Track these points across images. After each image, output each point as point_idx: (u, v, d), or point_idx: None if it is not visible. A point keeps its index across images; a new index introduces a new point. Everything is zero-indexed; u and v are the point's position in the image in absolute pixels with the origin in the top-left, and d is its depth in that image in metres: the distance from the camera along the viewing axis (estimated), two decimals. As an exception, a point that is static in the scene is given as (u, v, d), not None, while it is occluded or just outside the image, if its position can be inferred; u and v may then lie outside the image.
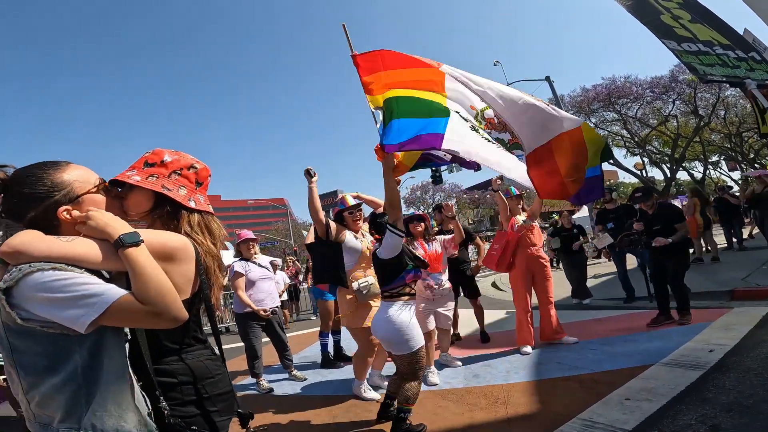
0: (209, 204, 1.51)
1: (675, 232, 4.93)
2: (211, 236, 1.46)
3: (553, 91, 20.01)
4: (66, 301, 1.02)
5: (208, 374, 1.40)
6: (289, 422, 3.64)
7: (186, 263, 1.31)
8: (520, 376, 3.93)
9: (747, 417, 2.48)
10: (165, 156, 1.42)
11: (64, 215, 1.17)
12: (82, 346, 1.09)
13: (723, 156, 29.85)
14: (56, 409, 1.07)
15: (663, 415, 2.71)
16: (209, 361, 1.44)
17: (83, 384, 1.09)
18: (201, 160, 1.52)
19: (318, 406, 3.88)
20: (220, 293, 1.52)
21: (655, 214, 5.21)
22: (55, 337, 1.06)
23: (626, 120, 25.90)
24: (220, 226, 1.53)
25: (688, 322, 4.69)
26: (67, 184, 1.21)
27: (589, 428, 2.70)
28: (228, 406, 1.46)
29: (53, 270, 1.04)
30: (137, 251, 1.13)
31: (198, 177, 1.48)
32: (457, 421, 3.19)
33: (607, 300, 7.13)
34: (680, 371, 3.37)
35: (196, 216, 1.43)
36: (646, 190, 5.60)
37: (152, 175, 1.37)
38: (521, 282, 4.92)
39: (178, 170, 1.43)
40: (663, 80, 22.88)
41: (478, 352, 4.93)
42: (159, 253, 1.22)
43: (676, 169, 25.75)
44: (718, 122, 25.04)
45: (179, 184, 1.41)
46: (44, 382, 1.07)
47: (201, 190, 1.49)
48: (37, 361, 1.07)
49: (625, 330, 4.93)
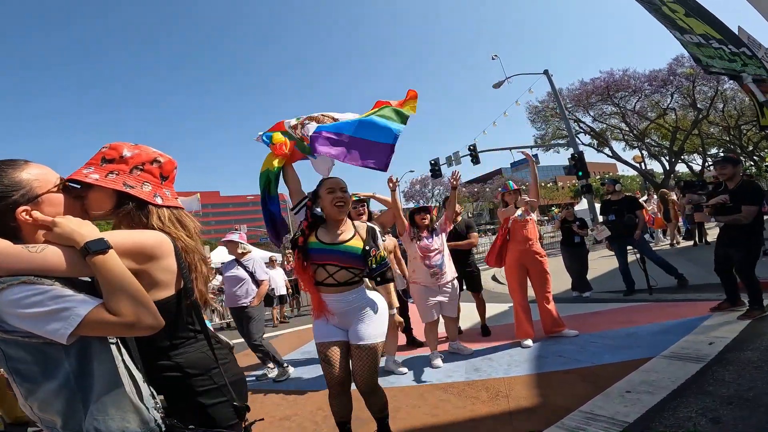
0: (177, 198, 1.46)
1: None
2: (186, 230, 1.42)
3: (552, 84, 19.96)
4: (43, 315, 1.01)
5: (213, 364, 1.39)
6: (293, 417, 3.66)
7: (166, 258, 1.28)
8: (521, 370, 3.95)
9: (747, 409, 2.50)
10: (124, 151, 1.34)
11: (23, 216, 1.12)
12: (69, 354, 1.08)
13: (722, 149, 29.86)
14: (55, 414, 1.08)
15: (664, 407, 2.72)
16: (213, 351, 1.42)
17: (77, 389, 1.09)
18: (165, 153, 1.46)
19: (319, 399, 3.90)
20: (207, 287, 1.49)
21: (734, 189, 4.50)
22: (41, 346, 1.06)
23: (625, 113, 25.88)
24: (193, 219, 1.50)
25: (750, 318, 4.22)
26: (26, 183, 1.15)
27: (590, 421, 2.71)
28: (241, 393, 1.45)
29: (22, 284, 1.02)
30: (104, 259, 1.09)
31: (162, 171, 1.42)
32: (458, 415, 3.20)
33: (608, 293, 7.15)
34: (681, 364, 3.39)
35: (166, 211, 1.38)
36: (726, 157, 4.92)
37: (112, 171, 1.31)
38: (514, 277, 4.93)
39: (140, 165, 1.36)
40: (661, 73, 22.91)
41: (479, 345, 4.94)
42: (136, 255, 1.20)
43: (675, 161, 25.79)
44: (716, 115, 25.04)
45: (143, 179, 1.36)
46: (40, 389, 1.07)
47: (167, 185, 1.44)
48: (30, 368, 1.06)
49: (625, 323, 4.94)
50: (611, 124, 28.03)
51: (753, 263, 4.40)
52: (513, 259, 4.92)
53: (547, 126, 28.83)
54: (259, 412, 3.80)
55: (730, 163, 4.65)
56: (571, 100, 25.83)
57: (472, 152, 19.92)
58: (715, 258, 4.73)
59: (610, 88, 24.48)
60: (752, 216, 4.35)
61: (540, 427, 2.76)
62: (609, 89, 24.53)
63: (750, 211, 4.34)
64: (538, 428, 2.76)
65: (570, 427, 2.69)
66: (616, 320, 5.17)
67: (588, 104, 25.84)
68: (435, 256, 4.43)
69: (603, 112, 27.05)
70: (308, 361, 5.53)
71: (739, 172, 4.65)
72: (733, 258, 4.50)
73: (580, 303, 6.70)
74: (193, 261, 1.39)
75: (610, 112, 27.02)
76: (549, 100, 25.89)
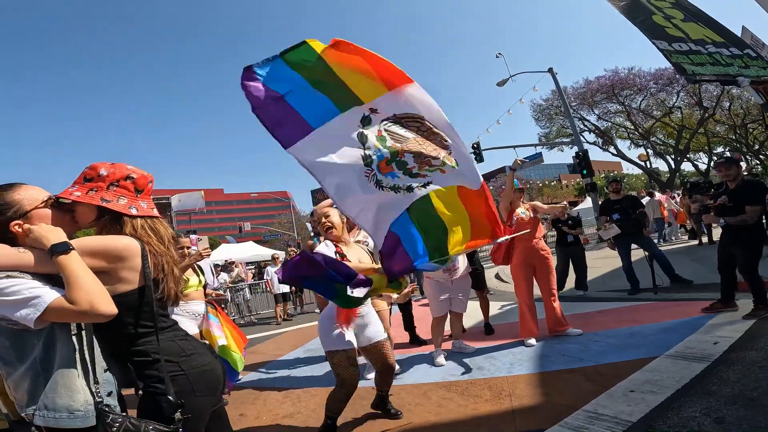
0: (153, 208, 1.69)
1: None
2: (157, 236, 1.63)
3: (556, 82, 19.86)
4: (17, 302, 1.25)
5: (182, 352, 1.57)
6: (296, 414, 3.67)
7: (132, 259, 1.50)
8: (524, 368, 3.94)
9: (751, 409, 2.49)
10: (101, 170, 1.59)
11: (16, 229, 1.40)
12: (39, 340, 1.33)
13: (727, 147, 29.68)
14: (24, 393, 1.32)
15: (667, 407, 2.71)
16: (183, 341, 1.62)
17: (41, 371, 1.32)
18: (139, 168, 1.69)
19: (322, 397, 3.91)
20: (177, 285, 1.69)
21: (736, 189, 4.52)
22: (20, 332, 1.31)
23: (630, 111, 25.75)
24: (167, 226, 1.73)
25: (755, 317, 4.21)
26: (17, 202, 1.43)
27: (593, 420, 2.71)
28: (207, 385, 1.60)
29: (7, 278, 1.28)
30: (66, 258, 1.33)
31: (137, 185, 1.65)
32: (462, 413, 3.21)
33: (612, 291, 7.13)
34: (685, 363, 3.38)
35: (139, 221, 1.60)
36: (728, 158, 4.96)
37: (92, 188, 1.56)
38: (521, 275, 4.91)
39: (115, 182, 1.60)
40: (667, 72, 22.75)
41: (483, 344, 4.94)
42: (105, 255, 1.45)
43: (681, 160, 25.68)
44: (722, 113, 24.89)
45: (119, 194, 1.60)
46: (15, 371, 1.32)
47: (143, 197, 1.67)
48: (9, 353, 1.32)
49: (629, 322, 4.92)
50: (616, 122, 27.92)
51: (756, 262, 4.39)
52: (520, 258, 4.89)
53: (551, 124, 28.77)
54: (261, 410, 3.83)
55: (735, 163, 4.66)
56: (575, 98, 25.75)
57: (476, 150, 19.89)
58: (718, 257, 4.72)
59: (616, 86, 24.39)
60: (757, 215, 4.36)
61: (543, 426, 2.76)
62: (614, 87, 24.45)
63: (754, 210, 4.34)
64: (541, 427, 2.75)
65: (573, 426, 2.68)
66: (620, 319, 5.16)
67: (593, 102, 25.75)
68: None
69: (608, 111, 26.95)
70: (311, 359, 5.54)
71: (741, 172, 4.65)
72: (737, 257, 4.49)
73: (584, 302, 6.69)
74: (160, 263, 1.60)
75: (615, 111, 26.91)
76: (554, 98, 25.80)
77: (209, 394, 1.61)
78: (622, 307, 5.84)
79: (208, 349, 1.76)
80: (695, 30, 4.87)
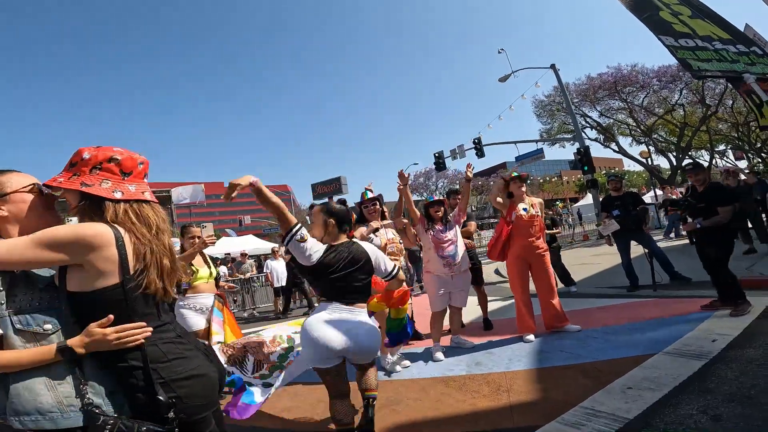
0: (145, 191, 1.55)
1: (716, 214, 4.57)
2: (143, 222, 1.49)
3: (559, 79, 19.82)
4: None
5: (162, 358, 1.42)
6: (293, 408, 3.68)
7: (105, 248, 1.36)
8: (522, 364, 3.95)
9: (749, 408, 2.49)
10: (84, 154, 1.49)
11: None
12: None
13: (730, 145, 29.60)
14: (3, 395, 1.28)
15: (665, 404, 2.72)
16: (168, 345, 1.46)
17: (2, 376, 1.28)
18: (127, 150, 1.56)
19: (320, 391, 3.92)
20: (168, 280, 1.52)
21: (704, 192, 4.76)
22: None
23: (632, 108, 25.66)
24: (158, 211, 1.57)
25: (741, 313, 4.30)
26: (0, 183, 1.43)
27: (591, 416, 2.71)
28: (192, 391, 1.44)
29: None
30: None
31: (122, 167, 1.52)
32: (459, 408, 3.22)
33: (611, 288, 7.13)
34: (683, 361, 3.38)
35: (122, 206, 1.46)
36: (696, 164, 5.20)
37: (75, 173, 1.47)
38: (515, 271, 4.92)
39: (98, 165, 1.48)
40: (671, 69, 22.66)
41: (481, 339, 4.95)
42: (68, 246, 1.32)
43: (682, 157, 25.58)
44: (725, 111, 24.79)
45: (102, 177, 1.47)
46: None
47: (133, 179, 1.53)
48: None
49: (628, 318, 4.92)
50: (618, 119, 27.83)
51: (726, 259, 4.59)
52: (515, 254, 4.90)
53: (553, 120, 28.69)
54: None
55: (702, 169, 4.97)
56: (577, 94, 25.67)
57: (477, 145, 19.85)
58: (700, 258, 4.88)
59: (618, 83, 24.28)
60: (730, 215, 4.54)
61: (540, 422, 2.76)
62: (617, 84, 24.34)
63: (726, 211, 4.54)
64: (539, 423, 2.76)
65: (570, 423, 2.69)
66: (619, 316, 5.15)
67: (595, 99, 25.65)
68: (448, 246, 4.54)
69: (610, 107, 26.86)
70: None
71: (708, 176, 4.94)
72: (710, 255, 4.66)
73: (583, 298, 6.68)
74: (142, 252, 1.44)
75: (617, 107, 26.82)
76: (555, 95, 25.70)
77: (199, 402, 1.45)
78: (621, 304, 5.84)
79: (203, 351, 1.61)
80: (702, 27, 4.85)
